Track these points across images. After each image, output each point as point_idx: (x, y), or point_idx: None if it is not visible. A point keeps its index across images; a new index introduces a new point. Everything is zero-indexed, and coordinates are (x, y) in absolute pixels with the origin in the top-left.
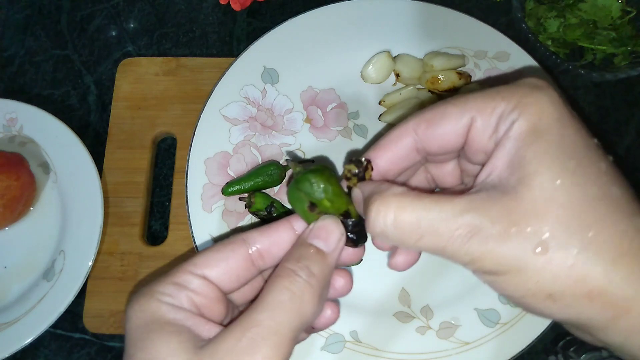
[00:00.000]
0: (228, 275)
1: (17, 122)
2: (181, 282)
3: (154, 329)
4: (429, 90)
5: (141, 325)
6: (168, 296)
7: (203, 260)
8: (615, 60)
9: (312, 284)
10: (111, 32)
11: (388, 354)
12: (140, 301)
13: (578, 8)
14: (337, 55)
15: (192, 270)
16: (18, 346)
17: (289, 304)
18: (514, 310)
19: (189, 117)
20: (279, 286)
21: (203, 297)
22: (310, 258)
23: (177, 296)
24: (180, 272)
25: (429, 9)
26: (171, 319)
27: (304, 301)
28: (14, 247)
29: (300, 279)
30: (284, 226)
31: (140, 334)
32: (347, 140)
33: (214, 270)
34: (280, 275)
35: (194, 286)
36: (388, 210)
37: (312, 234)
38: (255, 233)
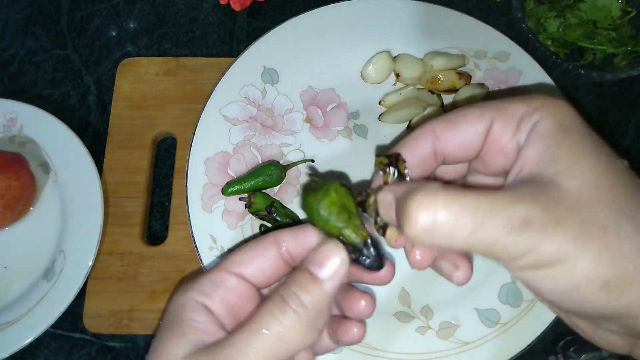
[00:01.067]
0: (262, 272)
1: (17, 122)
2: (218, 280)
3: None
4: (429, 90)
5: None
6: (201, 293)
7: (239, 258)
8: (615, 60)
9: (299, 312)
10: (111, 32)
11: (388, 354)
12: (178, 294)
13: (578, 8)
14: (337, 55)
15: (229, 268)
16: (18, 346)
17: (275, 332)
18: (514, 311)
19: (189, 117)
20: (268, 313)
21: (236, 295)
22: (302, 285)
23: (211, 294)
24: (218, 270)
25: (429, 9)
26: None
27: (288, 329)
28: (14, 247)
29: (287, 307)
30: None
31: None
32: (347, 140)
33: (249, 268)
34: (272, 300)
35: (228, 284)
36: (435, 204)
37: (309, 259)
38: (286, 233)
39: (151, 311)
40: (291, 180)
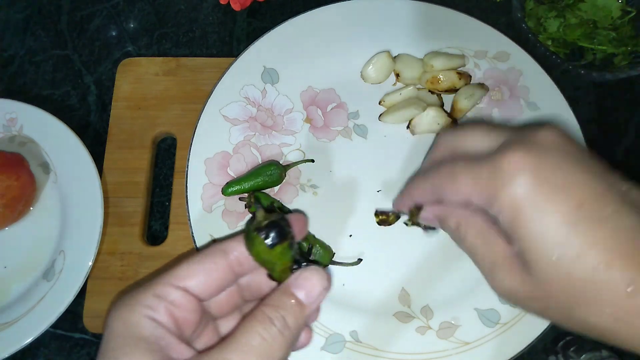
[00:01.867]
0: (208, 284)
1: (17, 122)
2: (162, 295)
3: (129, 343)
4: (429, 90)
5: (119, 335)
6: (149, 309)
7: (183, 273)
8: (615, 60)
9: (284, 334)
10: (111, 32)
11: (388, 354)
12: (122, 311)
13: (578, 8)
14: (337, 55)
15: (173, 283)
16: (18, 346)
17: (259, 350)
18: (514, 310)
19: (189, 117)
20: (252, 330)
21: (182, 309)
22: (288, 309)
23: (157, 309)
24: (161, 284)
25: (429, 9)
26: (148, 335)
27: (274, 349)
28: (14, 247)
29: (274, 328)
30: None
31: (116, 344)
32: (347, 140)
33: (194, 280)
34: (257, 319)
35: (173, 298)
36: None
37: (295, 283)
38: (234, 242)
39: None
40: (291, 180)
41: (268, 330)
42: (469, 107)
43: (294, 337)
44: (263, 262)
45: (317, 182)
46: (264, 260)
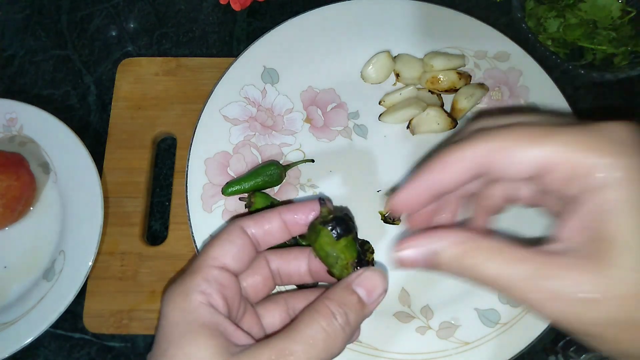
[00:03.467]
0: (239, 258)
1: (17, 122)
2: (211, 278)
3: (191, 330)
4: (429, 90)
5: (179, 323)
6: (203, 294)
7: (220, 252)
8: (615, 61)
9: (346, 330)
10: (111, 32)
11: (388, 354)
12: (178, 299)
13: (578, 8)
14: (337, 55)
15: (214, 264)
16: (18, 346)
17: (323, 344)
18: (514, 310)
19: (189, 117)
20: (316, 324)
21: (230, 289)
22: (351, 306)
23: (211, 293)
24: (205, 267)
25: (429, 9)
26: (207, 322)
27: (335, 344)
28: (14, 247)
29: (337, 323)
30: (275, 217)
31: (177, 332)
32: (347, 140)
33: (229, 259)
34: (320, 313)
35: (222, 279)
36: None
37: (358, 281)
38: (250, 222)
39: (151, 311)
40: (291, 180)
41: (331, 325)
42: (469, 107)
43: (352, 334)
44: (326, 256)
45: (317, 182)
46: (327, 254)
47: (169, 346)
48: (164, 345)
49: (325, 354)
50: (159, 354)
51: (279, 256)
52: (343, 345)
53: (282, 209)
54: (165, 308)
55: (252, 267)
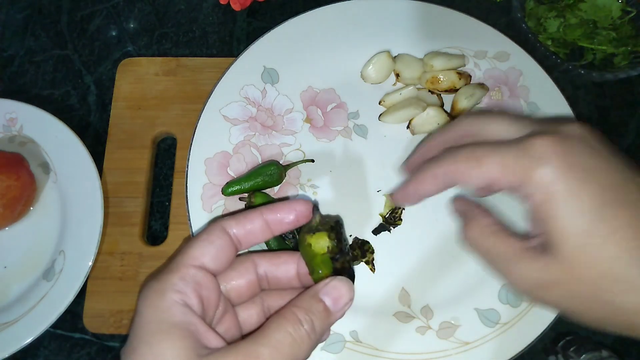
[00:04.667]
0: (218, 259)
1: (17, 122)
2: (187, 277)
3: (162, 329)
4: (429, 90)
5: (151, 321)
6: (179, 293)
7: (197, 252)
8: (615, 60)
9: (311, 337)
10: (111, 32)
11: (388, 354)
12: (152, 297)
13: (578, 8)
14: (337, 55)
15: (192, 263)
16: (18, 346)
17: (289, 349)
18: (514, 310)
19: (189, 117)
20: (283, 329)
21: (206, 289)
22: (317, 314)
23: (186, 292)
24: (182, 266)
25: (429, 9)
26: (179, 322)
27: (301, 349)
28: (13, 247)
29: (303, 329)
30: (257, 217)
31: (148, 330)
32: (347, 140)
33: (207, 257)
34: (287, 319)
35: (199, 279)
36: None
37: (325, 290)
38: (232, 222)
39: None
40: (291, 180)
41: (297, 331)
42: (469, 107)
43: (318, 340)
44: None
45: (317, 182)
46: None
47: (139, 344)
48: (134, 343)
49: (291, 358)
50: (130, 351)
51: (268, 260)
52: (309, 351)
53: (264, 209)
54: (140, 305)
55: (238, 270)
